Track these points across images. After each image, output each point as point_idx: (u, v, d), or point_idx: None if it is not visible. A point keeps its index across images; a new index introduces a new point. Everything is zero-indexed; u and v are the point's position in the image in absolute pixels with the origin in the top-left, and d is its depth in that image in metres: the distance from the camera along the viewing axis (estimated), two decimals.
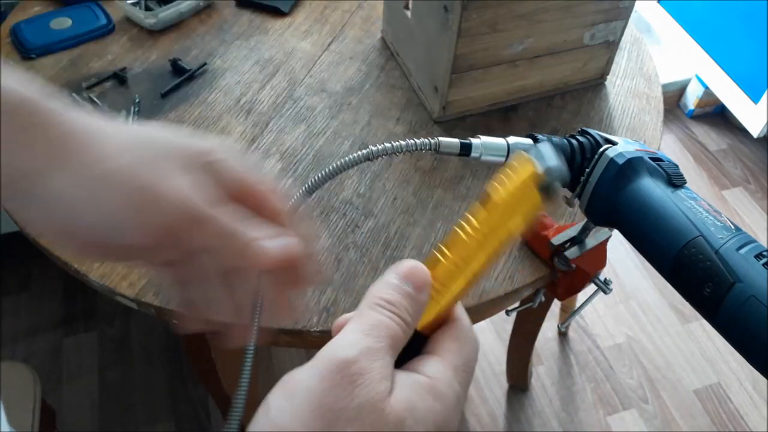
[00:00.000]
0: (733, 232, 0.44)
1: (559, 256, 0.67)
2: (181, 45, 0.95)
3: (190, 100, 0.87)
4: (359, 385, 0.24)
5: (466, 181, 0.79)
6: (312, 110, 0.87)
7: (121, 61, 0.92)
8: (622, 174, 0.50)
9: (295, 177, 0.78)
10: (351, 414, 0.23)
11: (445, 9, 0.74)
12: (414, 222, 0.74)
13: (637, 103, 0.92)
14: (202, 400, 1.37)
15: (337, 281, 0.68)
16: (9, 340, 1.44)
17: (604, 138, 0.53)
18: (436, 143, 0.45)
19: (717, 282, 0.42)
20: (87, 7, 0.98)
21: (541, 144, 0.47)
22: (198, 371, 0.97)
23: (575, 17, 0.81)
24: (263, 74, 0.92)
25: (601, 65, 0.91)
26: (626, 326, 1.53)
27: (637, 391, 1.42)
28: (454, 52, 0.77)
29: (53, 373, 1.39)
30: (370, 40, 0.98)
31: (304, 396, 0.24)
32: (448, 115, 0.86)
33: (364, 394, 0.24)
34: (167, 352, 1.45)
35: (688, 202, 0.47)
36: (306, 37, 0.98)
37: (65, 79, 0.89)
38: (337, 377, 0.24)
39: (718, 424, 1.37)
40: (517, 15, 0.77)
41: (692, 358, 1.48)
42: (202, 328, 0.34)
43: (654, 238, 0.47)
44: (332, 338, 0.27)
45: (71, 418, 1.33)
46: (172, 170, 0.30)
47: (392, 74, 0.93)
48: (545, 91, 0.90)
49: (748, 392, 1.42)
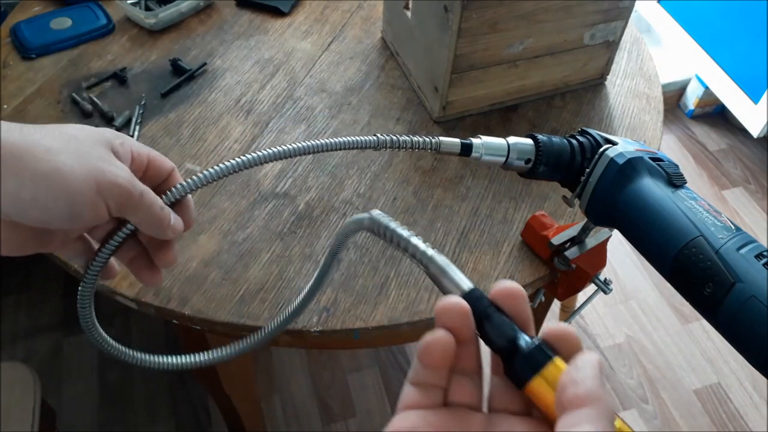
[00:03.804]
0: (733, 232, 0.44)
1: (559, 256, 0.67)
2: (181, 45, 0.95)
3: (190, 100, 0.87)
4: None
5: (466, 181, 0.79)
6: (312, 110, 0.87)
7: (121, 61, 0.92)
8: (622, 174, 0.50)
9: (294, 177, 0.78)
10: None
11: (445, 9, 0.74)
12: (414, 222, 0.74)
13: (637, 103, 0.92)
14: (202, 400, 1.37)
15: (337, 281, 0.68)
16: (9, 340, 1.44)
17: (604, 138, 0.53)
18: (436, 143, 0.45)
19: (717, 282, 0.42)
20: (87, 7, 0.98)
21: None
22: (198, 371, 0.97)
23: (575, 17, 0.81)
24: (263, 74, 0.92)
25: (601, 65, 0.91)
26: (626, 326, 1.53)
27: (637, 391, 1.42)
28: (454, 52, 0.77)
29: (53, 373, 1.39)
30: (370, 40, 0.98)
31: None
32: (448, 115, 0.86)
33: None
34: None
35: (689, 202, 0.47)
36: (306, 37, 0.98)
37: (65, 79, 0.89)
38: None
39: (718, 424, 1.37)
40: (517, 15, 0.77)
41: (692, 358, 1.48)
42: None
43: (654, 238, 0.47)
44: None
45: (71, 418, 1.33)
46: (105, 157, 0.36)
47: (392, 74, 0.93)
48: (545, 91, 0.90)
49: (748, 392, 1.42)
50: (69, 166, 0.33)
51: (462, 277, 0.31)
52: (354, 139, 0.41)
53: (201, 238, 0.71)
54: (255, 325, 0.64)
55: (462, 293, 0.30)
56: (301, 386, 1.39)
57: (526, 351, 0.28)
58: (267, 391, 1.38)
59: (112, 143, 0.37)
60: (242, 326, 0.64)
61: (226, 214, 0.73)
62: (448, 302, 0.28)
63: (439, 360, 0.28)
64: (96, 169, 0.34)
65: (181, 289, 0.66)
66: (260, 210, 0.74)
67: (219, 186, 0.76)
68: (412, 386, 0.29)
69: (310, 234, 0.72)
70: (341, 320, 0.64)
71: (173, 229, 0.39)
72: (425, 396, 0.29)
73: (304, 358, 1.44)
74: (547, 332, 0.29)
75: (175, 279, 0.67)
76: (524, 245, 0.72)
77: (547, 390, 0.27)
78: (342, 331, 0.64)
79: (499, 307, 0.30)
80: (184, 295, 0.65)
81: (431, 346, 0.28)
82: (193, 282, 0.67)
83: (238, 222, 0.73)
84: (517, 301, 0.30)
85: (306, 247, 0.71)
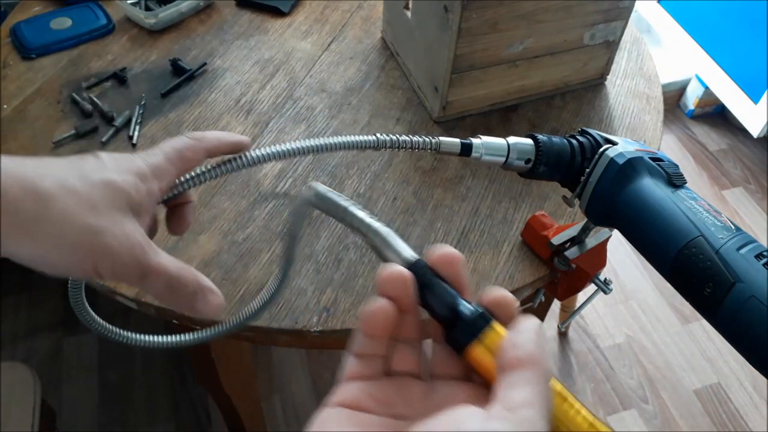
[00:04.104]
0: (733, 232, 0.44)
1: (559, 256, 0.67)
2: (181, 45, 0.95)
3: (190, 100, 0.87)
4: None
5: (466, 181, 0.79)
6: (312, 110, 0.87)
7: (121, 61, 0.92)
8: (622, 174, 0.50)
9: (294, 177, 0.78)
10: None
11: (445, 9, 0.74)
12: (414, 222, 0.74)
13: (637, 103, 0.92)
14: (202, 400, 1.37)
15: (337, 281, 0.68)
16: (9, 340, 1.44)
17: (604, 138, 0.53)
18: (436, 143, 0.45)
19: (717, 282, 0.42)
20: (87, 7, 0.98)
21: None
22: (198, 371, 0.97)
23: (575, 17, 0.81)
24: (263, 74, 0.92)
25: (601, 65, 0.91)
26: (626, 326, 1.53)
27: (637, 391, 1.42)
28: (454, 52, 0.77)
29: (53, 373, 1.39)
30: (370, 40, 0.98)
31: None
32: (448, 115, 0.86)
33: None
34: (167, 352, 1.45)
35: (689, 202, 0.47)
36: (306, 37, 0.98)
37: (65, 79, 0.89)
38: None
39: (718, 424, 1.37)
40: (517, 15, 0.77)
41: (692, 358, 1.48)
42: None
43: (654, 238, 0.47)
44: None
45: (71, 418, 1.33)
46: (115, 214, 0.31)
47: (392, 74, 0.93)
48: (545, 91, 0.90)
49: (748, 392, 1.42)
50: (70, 248, 0.30)
51: (404, 246, 0.31)
52: (354, 139, 0.41)
53: (201, 238, 0.71)
54: (255, 325, 0.64)
55: (404, 263, 0.30)
56: (301, 386, 1.39)
57: (465, 318, 0.28)
58: (267, 391, 1.38)
59: (133, 199, 0.33)
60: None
61: (226, 214, 0.73)
62: (389, 271, 0.29)
63: (381, 329, 0.28)
64: (100, 248, 0.31)
65: None
66: (260, 210, 0.74)
67: (219, 186, 0.76)
68: (354, 357, 0.29)
69: (310, 234, 0.72)
70: (341, 320, 0.64)
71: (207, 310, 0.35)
72: (367, 366, 0.29)
73: (304, 358, 1.44)
74: (485, 298, 0.29)
75: None
76: (524, 245, 0.72)
77: (485, 355, 0.28)
78: (342, 331, 0.64)
79: (438, 274, 0.30)
80: None
81: (373, 315, 0.28)
82: None
83: (238, 222, 0.73)
84: (455, 266, 0.30)
85: (306, 247, 0.71)
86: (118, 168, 0.33)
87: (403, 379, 0.30)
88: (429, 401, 0.29)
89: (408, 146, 0.43)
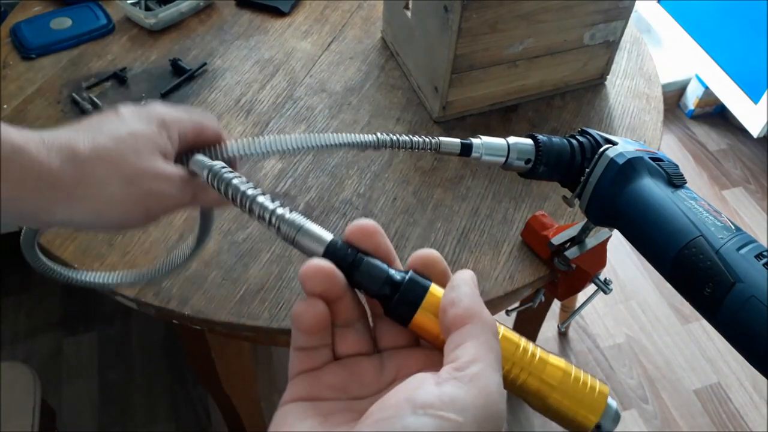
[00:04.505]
0: (733, 232, 0.44)
1: (559, 256, 0.67)
2: (181, 45, 0.95)
3: (190, 100, 0.87)
4: None
5: (466, 181, 0.79)
6: (312, 110, 0.87)
7: (121, 61, 0.92)
8: (622, 174, 0.50)
9: (294, 177, 0.78)
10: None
11: (445, 9, 0.74)
12: (414, 222, 0.74)
13: (637, 103, 0.92)
14: (202, 400, 1.37)
15: None
16: (9, 340, 1.44)
17: (604, 138, 0.53)
18: (436, 143, 0.45)
19: (717, 282, 0.42)
20: (87, 7, 0.98)
21: None
22: (198, 371, 0.97)
23: (575, 17, 0.81)
24: (263, 74, 0.92)
25: (601, 65, 0.91)
26: (626, 326, 1.53)
27: (637, 391, 1.42)
28: (454, 52, 0.77)
29: (53, 373, 1.39)
30: (370, 40, 0.98)
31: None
32: (448, 115, 0.86)
33: None
34: (167, 352, 1.45)
35: (688, 202, 0.47)
36: (306, 37, 0.98)
37: (65, 79, 0.89)
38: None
39: (718, 424, 1.37)
40: (517, 15, 0.77)
41: (692, 358, 1.48)
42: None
43: (654, 238, 0.47)
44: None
45: (71, 418, 1.33)
46: (152, 171, 0.35)
47: (392, 74, 0.93)
48: (545, 91, 0.90)
49: (748, 392, 1.42)
50: (118, 200, 0.34)
51: (319, 230, 0.30)
52: (354, 138, 0.41)
53: None
54: (255, 325, 0.64)
55: (323, 247, 0.29)
56: None
57: (400, 288, 0.28)
58: (267, 391, 1.38)
59: (159, 144, 0.36)
60: (242, 326, 0.64)
61: (226, 214, 0.73)
62: (310, 267, 0.28)
63: (315, 326, 0.28)
64: (144, 194, 0.35)
65: (181, 289, 0.66)
66: None
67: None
68: (297, 352, 0.29)
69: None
70: None
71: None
72: (312, 358, 0.29)
73: None
74: (413, 262, 0.29)
75: (175, 279, 0.67)
76: (524, 245, 0.72)
77: (429, 320, 0.28)
78: None
79: (360, 249, 0.29)
80: (184, 295, 0.65)
81: (302, 315, 0.28)
82: (193, 282, 0.67)
83: (238, 222, 0.73)
84: (375, 237, 0.29)
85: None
86: (139, 118, 0.36)
87: (352, 360, 0.29)
88: (383, 376, 0.28)
89: (408, 146, 0.43)
